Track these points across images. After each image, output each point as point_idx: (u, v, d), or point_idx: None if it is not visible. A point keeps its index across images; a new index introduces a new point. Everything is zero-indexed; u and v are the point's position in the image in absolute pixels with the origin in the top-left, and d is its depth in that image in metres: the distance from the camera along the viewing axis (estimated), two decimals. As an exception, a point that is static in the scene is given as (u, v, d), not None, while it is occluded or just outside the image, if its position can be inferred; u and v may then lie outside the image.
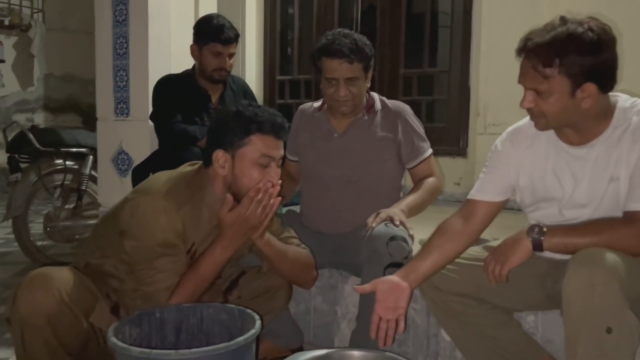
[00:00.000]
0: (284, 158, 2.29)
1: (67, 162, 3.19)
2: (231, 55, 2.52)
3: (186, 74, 2.56)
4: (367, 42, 1.90)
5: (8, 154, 3.18)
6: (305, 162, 2.06)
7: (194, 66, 2.57)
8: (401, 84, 3.96)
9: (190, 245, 1.53)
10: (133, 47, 2.72)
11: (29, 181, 3.10)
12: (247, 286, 1.70)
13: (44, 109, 7.43)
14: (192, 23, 2.91)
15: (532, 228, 1.37)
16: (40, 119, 7.38)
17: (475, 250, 1.57)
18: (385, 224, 1.71)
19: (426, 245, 1.55)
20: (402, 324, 1.49)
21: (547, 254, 1.38)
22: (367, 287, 1.52)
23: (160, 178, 1.54)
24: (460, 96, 3.71)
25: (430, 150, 2.00)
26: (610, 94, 1.40)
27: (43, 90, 7.39)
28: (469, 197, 1.62)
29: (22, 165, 3.17)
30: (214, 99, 2.59)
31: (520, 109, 1.96)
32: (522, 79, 1.38)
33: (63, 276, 1.38)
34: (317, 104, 2.09)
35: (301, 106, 2.17)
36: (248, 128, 1.50)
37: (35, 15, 7.18)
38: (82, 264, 1.54)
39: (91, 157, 3.24)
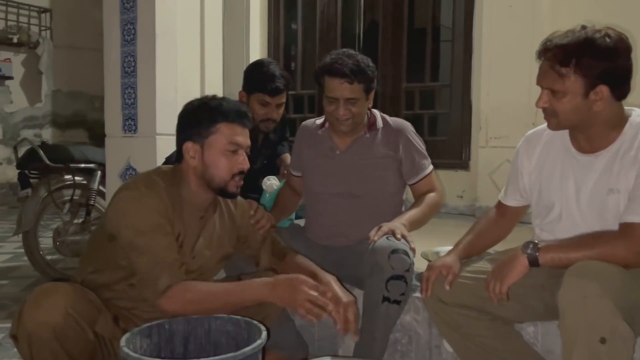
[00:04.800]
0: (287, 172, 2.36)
1: (76, 178, 3.25)
2: (280, 106, 2.42)
3: None
4: (370, 64, 1.93)
5: (18, 170, 3.25)
6: (308, 178, 2.11)
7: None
8: (403, 98, 4.02)
9: (176, 235, 1.55)
10: (141, 65, 2.79)
11: (39, 197, 3.16)
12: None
13: (51, 125, 7.53)
14: (198, 42, 3.01)
15: (526, 245, 1.42)
16: (48, 134, 7.48)
17: (477, 265, 1.62)
18: (387, 238, 1.75)
19: (469, 229, 1.74)
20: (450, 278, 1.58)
21: (544, 265, 1.43)
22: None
23: (137, 176, 1.60)
24: (462, 110, 3.76)
25: (430, 167, 2.05)
26: (626, 107, 1.46)
27: (51, 106, 7.50)
28: (499, 197, 1.77)
29: (32, 181, 3.23)
30: (259, 140, 2.56)
31: (522, 122, 2.01)
32: (539, 79, 1.46)
33: (66, 290, 1.41)
34: (319, 120, 2.14)
35: (304, 122, 2.22)
36: (214, 117, 1.54)
37: (43, 33, 7.31)
38: (78, 281, 1.57)
39: (99, 172, 3.30)
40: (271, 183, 2.37)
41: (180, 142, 1.58)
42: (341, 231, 2.01)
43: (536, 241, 1.41)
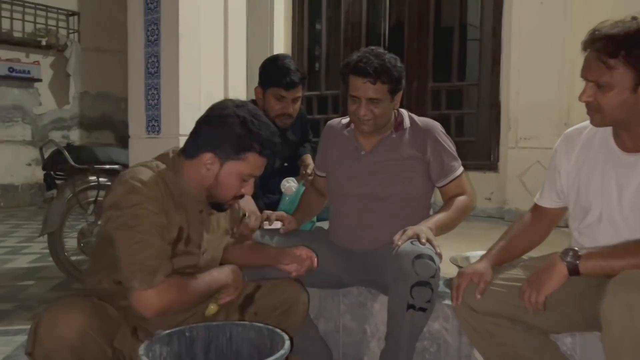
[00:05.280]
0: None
1: (101, 179, 3.26)
2: (296, 100, 2.40)
3: None
4: (398, 65, 1.87)
5: (44, 171, 3.27)
6: (332, 179, 2.05)
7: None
8: (430, 98, 3.94)
9: (177, 229, 1.48)
10: (164, 66, 2.77)
11: (64, 198, 3.17)
12: (263, 301, 1.67)
13: (79, 127, 7.63)
14: (221, 42, 2.97)
15: (565, 252, 1.33)
16: (75, 136, 7.58)
17: (510, 272, 1.54)
18: (412, 242, 1.68)
19: (502, 234, 1.66)
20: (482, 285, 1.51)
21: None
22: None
23: (132, 169, 1.49)
24: (491, 110, 3.67)
25: (461, 169, 1.97)
26: None
27: (78, 108, 7.60)
28: (534, 200, 1.68)
29: (58, 182, 3.25)
30: None
31: (553, 122, 1.92)
32: (584, 71, 1.37)
33: (84, 307, 1.34)
34: (345, 120, 2.09)
35: (329, 122, 2.17)
36: (248, 145, 1.47)
37: (71, 36, 7.41)
38: (88, 288, 1.52)
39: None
40: (290, 185, 2.33)
41: (200, 145, 1.48)
42: (366, 234, 1.94)
43: (576, 248, 1.33)
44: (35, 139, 7.12)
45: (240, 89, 2.47)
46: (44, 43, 7.07)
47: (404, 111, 2.03)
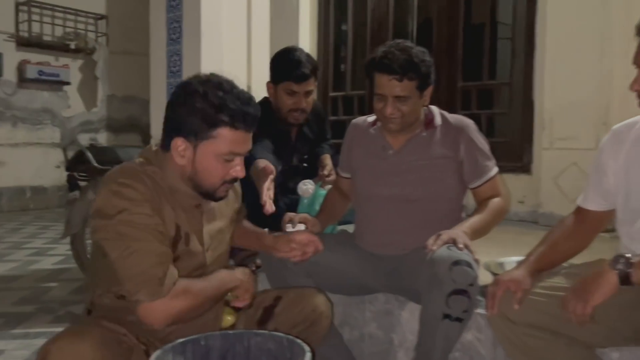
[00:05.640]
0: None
1: (123, 180, 3.21)
2: (308, 94, 2.30)
3: (265, 110, 2.41)
4: (426, 59, 1.76)
5: (67, 172, 3.25)
6: (358, 180, 1.95)
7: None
8: (459, 97, 3.83)
9: (175, 229, 1.35)
10: (186, 65, 2.73)
11: (87, 199, 3.14)
12: (283, 317, 1.53)
13: (106, 129, 7.69)
14: (245, 40, 2.91)
15: (616, 259, 1.21)
16: (103, 138, 7.64)
17: (552, 280, 1.42)
18: (448, 247, 1.58)
19: (541, 239, 1.55)
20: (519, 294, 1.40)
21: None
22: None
23: (115, 169, 1.36)
24: (523, 109, 3.54)
25: (495, 169, 1.86)
26: None
27: (106, 111, 7.67)
28: (577, 202, 1.57)
29: (81, 183, 3.22)
30: (293, 134, 2.44)
31: (591, 121, 1.78)
32: (637, 58, 1.28)
33: (91, 337, 1.21)
34: (371, 118, 1.99)
35: (354, 120, 2.07)
36: (215, 120, 1.29)
37: (99, 39, 7.48)
38: (88, 302, 1.40)
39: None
40: (307, 188, 2.23)
41: (169, 132, 1.34)
42: (394, 239, 1.84)
43: (628, 255, 1.21)
44: (64, 141, 7.19)
45: (263, 89, 2.39)
46: (72, 47, 7.15)
47: (434, 108, 1.92)
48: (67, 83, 7.17)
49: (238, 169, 1.37)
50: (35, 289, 3.19)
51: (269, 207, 1.64)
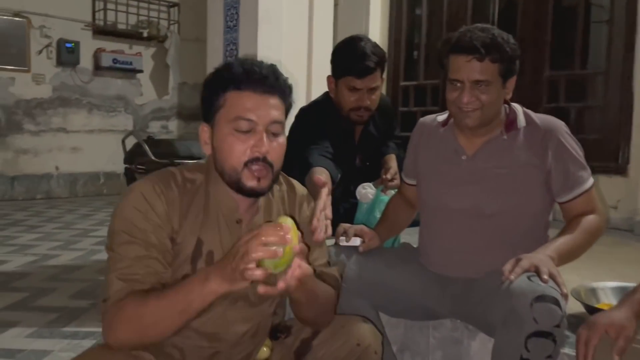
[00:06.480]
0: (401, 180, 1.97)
1: (181, 174, 3.12)
2: (372, 90, 2.06)
3: (327, 107, 2.16)
4: (511, 41, 1.50)
5: (125, 165, 3.19)
6: (425, 189, 1.70)
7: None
8: (546, 88, 3.45)
9: (195, 244, 1.18)
10: (243, 54, 2.55)
11: (143, 193, 3.07)
12: (323, 350, 1.30)
13: (177, 117, 7.77)
14: (306, 27, 2.69)
15: None
16: (173, 126, 7.72)
17: None
18: (529, 277, 1.30)
19: None
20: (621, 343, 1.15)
21: None
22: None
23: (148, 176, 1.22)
24: (621, 103, 3.14)
25: (590, 181, 1.55)
26: None
27: (177, 98, 7.73)
28: None
29: (138, 177, 3.16)
30: (357, 134, 2.22)
31: None
32: None
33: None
34: (441, 117, 1.73)
35: (422, 119, 1.81)
36: (220, 85, 1.16)
37: (171, 27, 7.52)
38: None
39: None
40: (366, 192, 2.00)
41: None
42: (465, 259, 1.58)
43: None
44: (137, 128, 7.32)
45: (324, 83, 2.17)
46: (145, 35, 7.24)
47: (517, 106, 1.63)
48: (140, 71, 7.27)
49: (257, 142, 1.14)
50: (93, 281, 3.17)
51: (319, 235, 1.29)
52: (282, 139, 1.20)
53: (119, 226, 1.12)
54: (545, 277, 1.29)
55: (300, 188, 1.39)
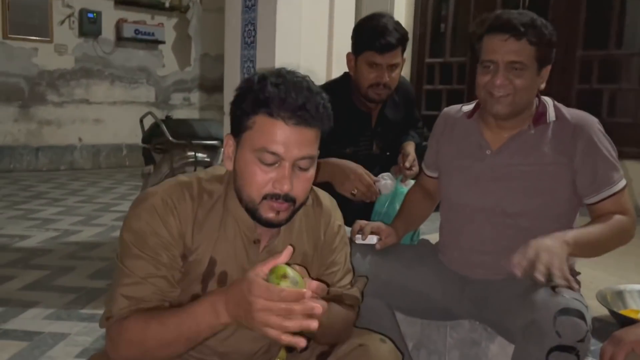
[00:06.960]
0: (419, 171, 1.90)
1: (199, 155, 3.09)
2: (393, 67, 1.99)
3: (343, 87, 2.09)
4: (550, 27, 1.44)
5: (143, 145, 3.17)
6: (446, 184, 1.63)
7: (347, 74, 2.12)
8: (578, 68, 3.29)
9: (208, 263, 1.12)
10: (261, 35, 2.47)
11: (162, 173, 3.06)
12: None
13: (199, 89, 7.71)
14: (327, 8, 2.59)
15: None
16: (195, 98, 7.67)
17: None
18: (553, 288, 1.24)
19: None
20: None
21: None
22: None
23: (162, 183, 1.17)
24: (658, 86, 2.98)
25: (622, 183, 1.45)
26: None
27: (199, 70, 7.66)
28: None
29: (156, 156, 3.14)
30: (373, 118, 2.14)
31: None
32: None
33: None
34: (467, 107, 1.64)
35: (446, 109, 1.73)
36: (252, 105, 1.04)
37: (193, -3, 7.40)
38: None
39: (222, 149, 3.10)
40: (385, 183, 1.93)
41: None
42: (486, 260, 1.52)
43: None
44: (159, 100, 7.30)
45: (344, 62, 2.08)
46: (167, 5, 7.15)
47: (548, 99, 1.54)
48: (162, 42, 7.20)
49: (281, 179, 1.04)
50: (111, 261, 3.16)
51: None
52: (311, 173, 1.09)
53: (128, 238, 1.07)
54: (561, 281, 1.22)
55: (327, 200, 1.28)
